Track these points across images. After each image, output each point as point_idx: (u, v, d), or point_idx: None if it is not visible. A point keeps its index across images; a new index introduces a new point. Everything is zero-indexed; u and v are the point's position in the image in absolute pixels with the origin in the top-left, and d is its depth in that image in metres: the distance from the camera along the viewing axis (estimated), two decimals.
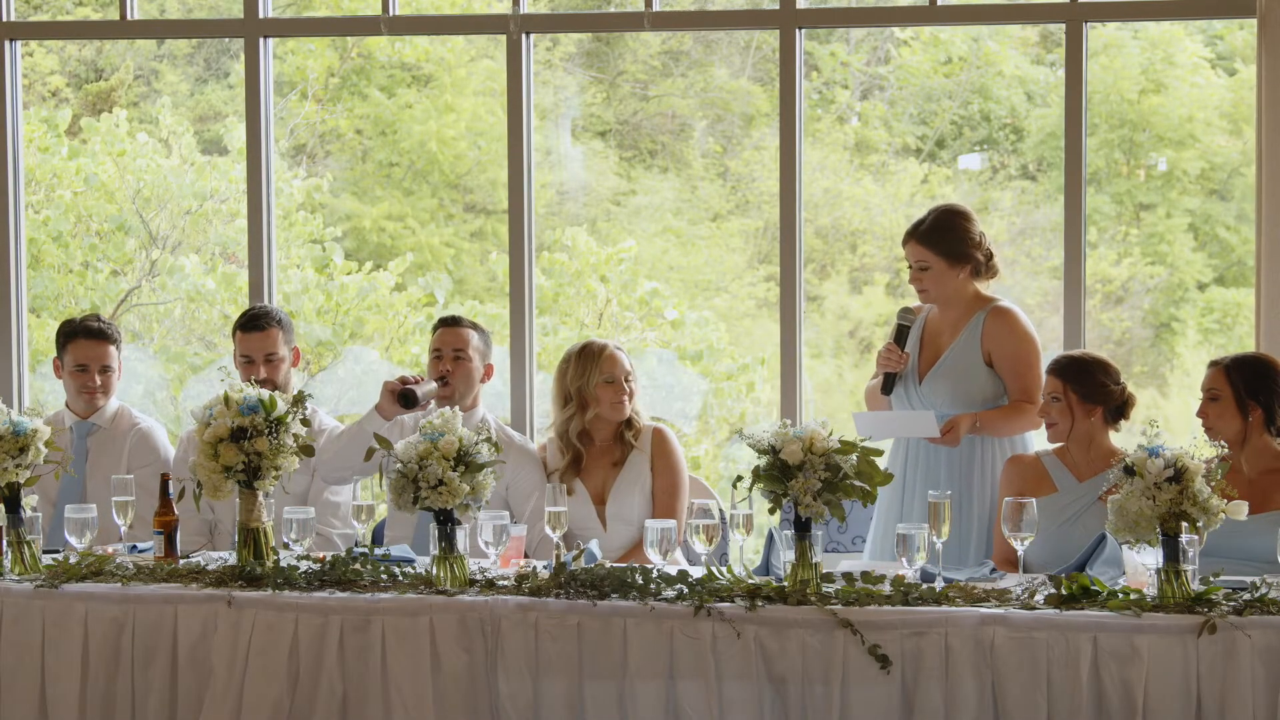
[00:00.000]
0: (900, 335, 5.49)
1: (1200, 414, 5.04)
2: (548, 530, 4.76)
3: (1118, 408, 5.16)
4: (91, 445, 5.79)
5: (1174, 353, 10.01)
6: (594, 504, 5.52)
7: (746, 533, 4.62)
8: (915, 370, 5.50)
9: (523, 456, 5.61)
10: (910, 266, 5.52)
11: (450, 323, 5.76)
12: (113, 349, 5.85)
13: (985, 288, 5.54)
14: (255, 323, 5.79)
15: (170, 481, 4.97)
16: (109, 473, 5.56)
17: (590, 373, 5.53)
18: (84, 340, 5.81)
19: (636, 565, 4.46)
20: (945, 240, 5.46)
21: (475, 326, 5.75)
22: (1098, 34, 6.31)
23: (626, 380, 5.53)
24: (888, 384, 5.48)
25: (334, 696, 4.40)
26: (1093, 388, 5.13)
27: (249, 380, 5.13)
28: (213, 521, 5.70)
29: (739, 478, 4.48)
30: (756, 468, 4.44)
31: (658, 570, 4.43)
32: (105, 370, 5.83)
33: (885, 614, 4.21)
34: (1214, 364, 5.07)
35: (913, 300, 5.65)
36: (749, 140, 10.38)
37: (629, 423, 5.57)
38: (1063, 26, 6.21)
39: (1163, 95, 10.05)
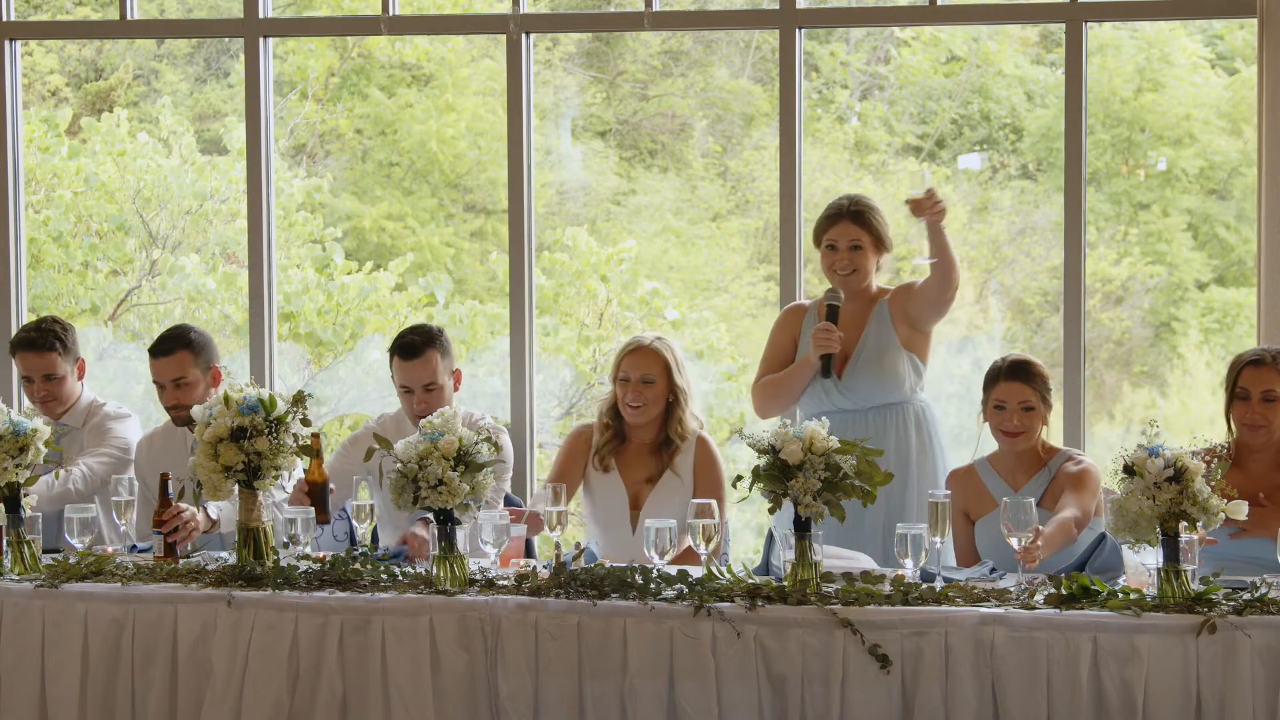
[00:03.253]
0: (832, 315, 5.34)
1: (1247, 417, 4.89)
2: (547, 530, 4.76)
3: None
4: (66, 446, 5.71)
5: (1174, 352, 10.02)
6: (629, 508, 5.43)
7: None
8: (832, 364, 5.38)
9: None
10: (832, 247, 5.38)
11: (410, 353, 5.49)
12: (55, 356, 5.72)
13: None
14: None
15: (170, 481, 4.96)
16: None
17: (615, 364, 5.47)
18: (23, 352, 5.76)
19: (637, 565, 4.46)
20: (876, 222, 5.39)
21: (433, 342, 5.51)
22: (1094, 33, 6.30)
23: (645, 384, 5.38)
24: (826, 366, 5.32)
25: (334, 696, 4.40)
26: (1047, 389, 5.02)
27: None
28: None
29: (739, 477, 4.48)
30: (756, 468, 4.44)
31: (658, 570, 4.44)
32: (49, 379, 5.73)
33: (885, 614, 4.21)
34: (1257, 362, 4.90)
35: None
36: (749, 140, 10.38)
37: (667, 439, 5.42)
38: (1063, 26, 6.21)
39: (1159, 94, 10.05)
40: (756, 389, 5.53)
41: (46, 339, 5.73)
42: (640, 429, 5.45)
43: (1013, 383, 4.97)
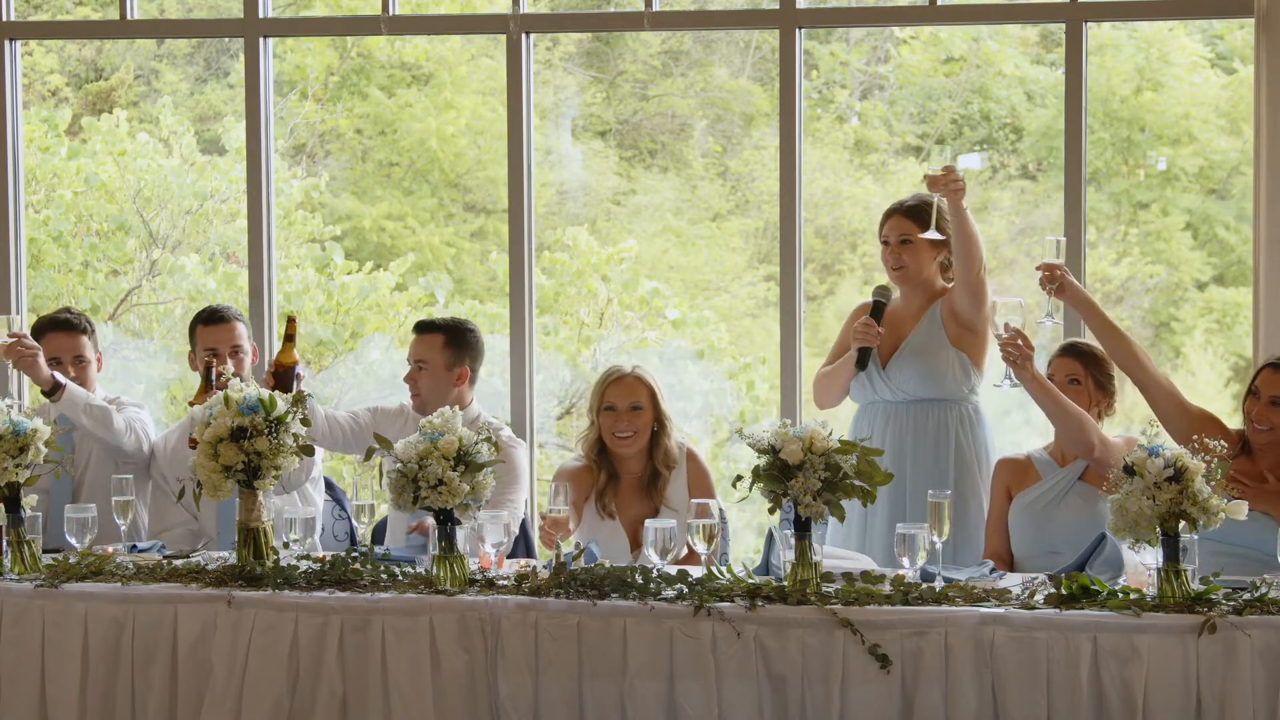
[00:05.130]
0: (877, 311, 5.48)
1: (1253, 415, 4.93)
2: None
3: (1111, 403, 5.24)
4: (78, 439, 5.70)
5: (1175, 352, 10.02)
6: (630, 549, 5.37)
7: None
8: (877, 355, 5.51)
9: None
10: (887, 243, 5.52)
11: (417, 328, 5.71)
12: (84, 339, 5.75)
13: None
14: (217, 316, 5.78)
15: (214, 370, 5.10)
16: (99, 465, 5.56)
17: (597, 395, 5.44)
18: (53, 333, 5.73)
19: (637, 565, 4.46)
20: (930, 219, 5.47)
21: (440, 328, 5.66)
22: (1093, 33, 6.31)
23: (634, 412, 5.36)
24: (862, 359, 5.45)
25: (334, 696, 4.40)
26: (1101, 372, 5.24)
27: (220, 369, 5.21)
28: (197, 530, 5.67)
29: (739, 477, 4.48)
30: (756, 467, 4.44)
31: (658, 570, 4.44)
32: (79, 361, 5.73)
33: (885, 614, 4.21)
34: (1276, 366, 4.95)
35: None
36: (749, 140, 10.39)
37: (655, 471, 5.38)
38: (1062, 26, 6.22)
39: (1158, 94, 10.06)
40: (814, 380, 5.68)
41: (79, 320, 5.77)
42: (629, 461, 5.41)
43: (1063, 358, 5.27)
